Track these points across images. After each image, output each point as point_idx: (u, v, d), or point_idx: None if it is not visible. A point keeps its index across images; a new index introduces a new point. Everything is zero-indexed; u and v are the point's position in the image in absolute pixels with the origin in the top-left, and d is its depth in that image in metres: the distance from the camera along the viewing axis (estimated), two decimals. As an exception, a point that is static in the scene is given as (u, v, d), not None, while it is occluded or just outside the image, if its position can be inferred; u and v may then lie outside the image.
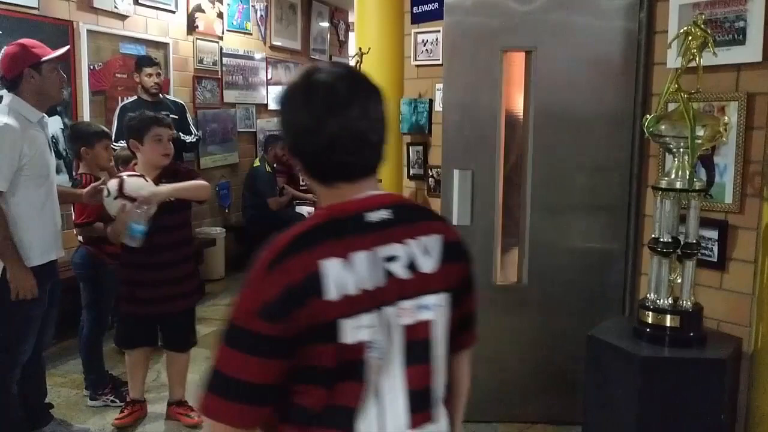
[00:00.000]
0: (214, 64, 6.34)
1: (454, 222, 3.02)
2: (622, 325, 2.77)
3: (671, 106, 2.66)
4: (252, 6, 6.85)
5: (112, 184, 2.94)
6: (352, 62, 4.16)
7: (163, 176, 3.07)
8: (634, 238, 3.08)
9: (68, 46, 2.93)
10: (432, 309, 1.19)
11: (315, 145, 1.15)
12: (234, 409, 1.10)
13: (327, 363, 1.10)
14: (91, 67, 4.89)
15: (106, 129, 3.74)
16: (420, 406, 1.19)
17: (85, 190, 3.14)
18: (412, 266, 1.17)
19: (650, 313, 2.59)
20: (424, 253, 1.18)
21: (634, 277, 3.09)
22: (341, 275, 1.10)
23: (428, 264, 1.19)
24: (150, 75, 4.84)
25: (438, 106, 3.95)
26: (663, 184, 2.60)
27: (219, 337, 1.13)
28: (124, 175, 3.02)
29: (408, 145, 4.19)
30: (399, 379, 1.16)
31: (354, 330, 1.10)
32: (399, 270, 1.15)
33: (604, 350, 2.66)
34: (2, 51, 2.98)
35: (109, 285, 3.44)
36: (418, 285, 1.17)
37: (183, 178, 3.08)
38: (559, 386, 3.14)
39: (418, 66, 4.08)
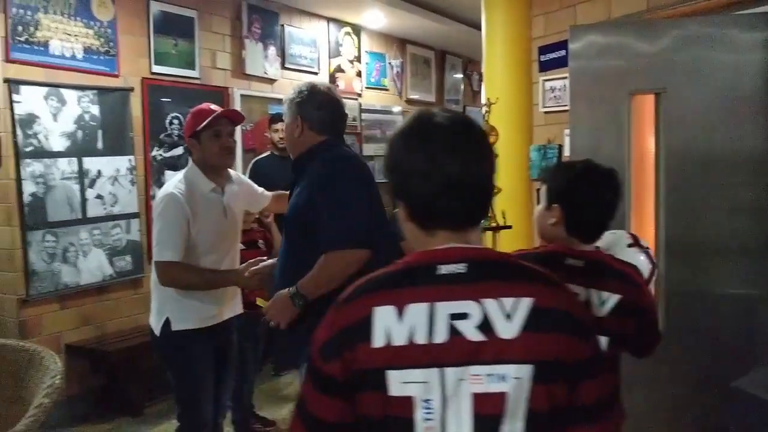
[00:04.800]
0: (354, 120, 6.70)
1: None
2: (769, 376, 2.61)
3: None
4: (388, 63, 7.21)
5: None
6: (482, 111, 4.27)
7: None
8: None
9: (216, 112, 2.72)
10: (508, 381, 1.04)
11: (426, 189, 1.11)
12: None
13: (374, 414, 1.08)
14: (244, 128, 5.37)
15: None
16: None
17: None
18: (486, 328, 1.05)
19: (800, 362, 2.43)
20: (503, 315, 1.05)
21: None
22: (391, 324, 1.07)
23: (507, 329, 1.05)
24: (277, 130, 5.05)
25: (567, 152, 3.96)
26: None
27: None
28: None
29: (538, 190, 4.20)
30: None
31: (401, 383, 1.05)
32: (468, 330, 1.05)
33: (750, 404, 2.51)
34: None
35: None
36: (492, 350, 1.04)
37: None
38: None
39: (546, 112, 4.12)
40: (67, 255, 4.12)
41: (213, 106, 2.77)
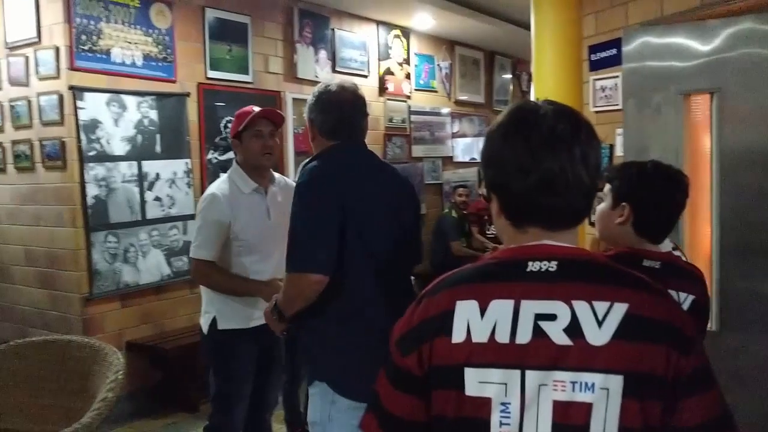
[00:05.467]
0: (403, 121, 6.75)
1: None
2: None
3: None
4: (437, 65, 7.23)
5: None
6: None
7: None
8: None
9: (254, 112, 2.76)
10: (595, 391, 0.96)
11: (525, 184, 1.04)
12: None
13: (449, 414, 1.03)
14: (296, 131, 5.47)
15: None
16: None
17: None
18: (574, 332, 0.98)
19: None
20: (594, 320, 0.98)
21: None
22: (472, 319, 1.02)
23: (597, 334, 0.97)
24: None
25: (619, 151, 3.92)
26: None
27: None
28: None
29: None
30: None
31: (478, 383, 1.00)
32: (554, 332, 0.98)
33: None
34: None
35: None
36: (578, 356, 0.97)
37: None
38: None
39: (597, 112, 4.09)
40: (127, 255, 4.27)
41: (255, 108, 2.81)
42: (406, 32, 6.72)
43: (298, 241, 2.04)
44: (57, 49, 3.98)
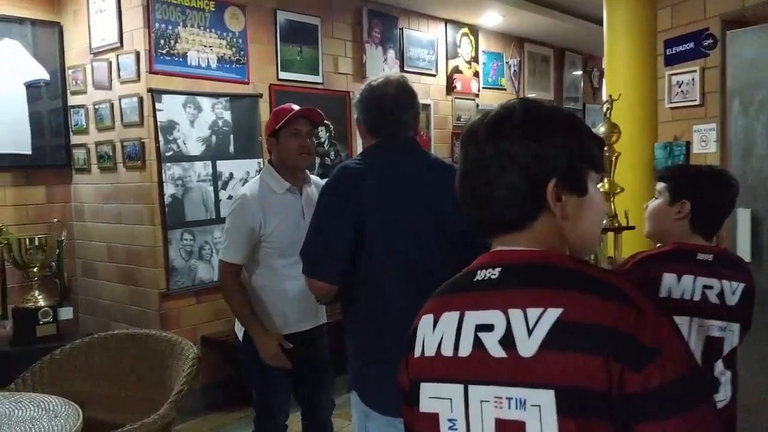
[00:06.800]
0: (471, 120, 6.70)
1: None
2: None
3: None
4: (506, 62, 7.16)
5: None
6: (603, 109, 4.16)
7: None
8: None
9: (293, 110, 2.68)
10: (527, 408, 0.88)
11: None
12: None
13: (416, 429, 1.02)
14: (363, 131, 5.51)
15: None
16: None
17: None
18: (508, 343, 0.91)
19: None
20: (525, 329, 0.90)
21: None
22: (427, 333, 1.00)
23: (526, 345, 0.89)
24: None
25: (696, 149, 3.79)
26: None
27: None
28: None
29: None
30: None
31: (429, 398, 0.98)
32: (491, 344, 0.92)
33: None
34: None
35: None
36: (511, 370, 0.90)
37: None
38: None
39: (672, 108, 3.96)
40: (202, 253, 4.41)
41: (294, 106, 2.73)
42: (474, 30, 6.68)
43: (309, 243, 2.01)
44: (137, 54, 4.14)
